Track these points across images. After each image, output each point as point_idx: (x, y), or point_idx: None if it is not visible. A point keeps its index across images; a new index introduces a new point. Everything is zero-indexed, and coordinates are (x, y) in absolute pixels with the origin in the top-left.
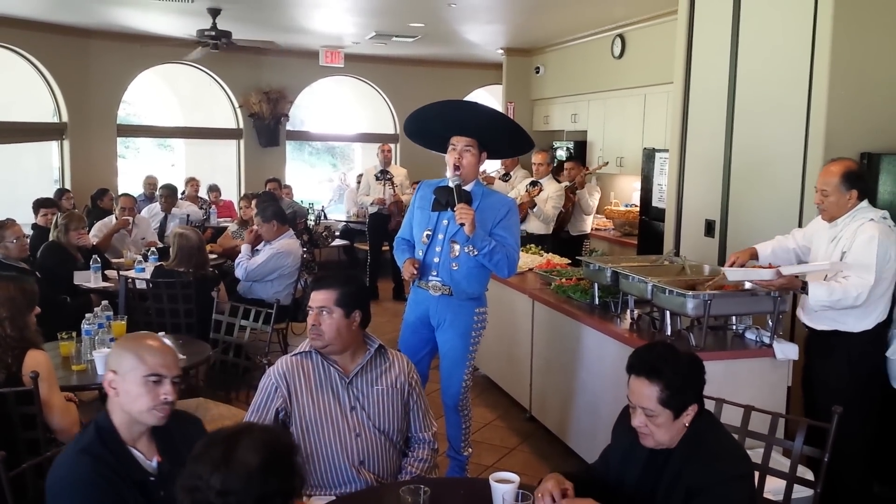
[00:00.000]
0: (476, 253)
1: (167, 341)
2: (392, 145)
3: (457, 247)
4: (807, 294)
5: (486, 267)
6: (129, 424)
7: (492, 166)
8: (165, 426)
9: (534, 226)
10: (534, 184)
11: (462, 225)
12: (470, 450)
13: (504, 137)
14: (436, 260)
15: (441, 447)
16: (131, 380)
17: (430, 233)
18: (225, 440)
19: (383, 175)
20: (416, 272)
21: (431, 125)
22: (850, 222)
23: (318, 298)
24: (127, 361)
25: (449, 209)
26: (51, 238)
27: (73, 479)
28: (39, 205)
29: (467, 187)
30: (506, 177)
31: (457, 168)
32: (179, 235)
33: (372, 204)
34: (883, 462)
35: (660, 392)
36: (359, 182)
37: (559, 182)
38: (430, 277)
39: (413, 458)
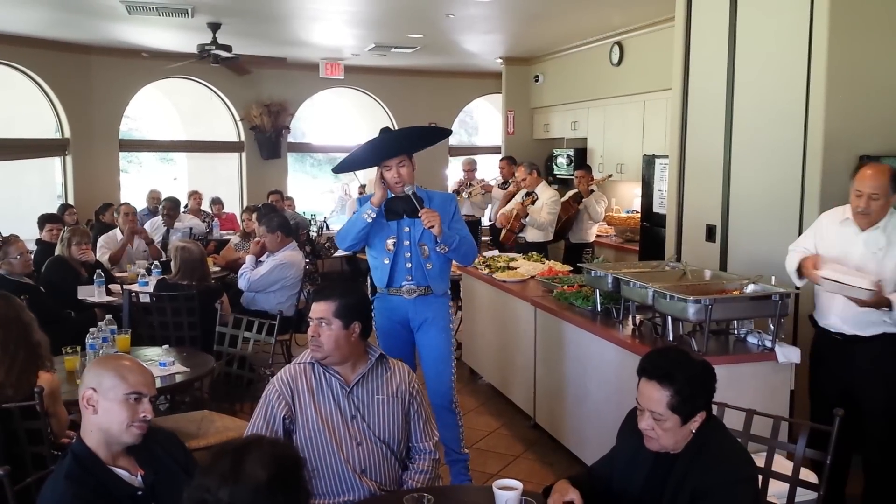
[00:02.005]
0: (447, 250)
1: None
2: None
3: (426, 248)
4: (892, 310)
5: (450, 261)
6: (107, 444)
7: (490, 175)
8: (143, 441)
9: (532, 234)
10: (528, 194)
11: (430, 227)
12: (467, 450)
13: (423, 142)
14: (408, 265)
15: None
16: (112, 398)
17: (394, 240)
18: (233, 453)
19: None
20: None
21: (361, 164)
22: (887, 226)
23: (317, 310)
24: (108, 380)
25: (405, 216)
26: (56, 253)
27: None
28: (45, 220)
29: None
30: (504, 185)
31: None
32: (181, 249)
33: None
34: None
35: (670, 397)
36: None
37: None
38: (403, 282)
39: (414, 470)
